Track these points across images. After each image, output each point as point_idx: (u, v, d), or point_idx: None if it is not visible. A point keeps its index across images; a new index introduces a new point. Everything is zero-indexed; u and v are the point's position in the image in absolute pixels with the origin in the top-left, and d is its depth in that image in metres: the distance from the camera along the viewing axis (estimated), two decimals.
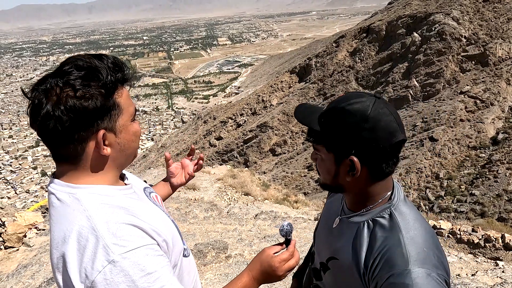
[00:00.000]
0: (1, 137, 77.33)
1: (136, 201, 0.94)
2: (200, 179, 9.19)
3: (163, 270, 0.82)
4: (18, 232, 4.68)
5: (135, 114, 0.93)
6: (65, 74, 0.81)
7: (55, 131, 0.80)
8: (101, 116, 0.83)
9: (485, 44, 27.61)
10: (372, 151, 0.89)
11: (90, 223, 0.80)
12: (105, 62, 0.85)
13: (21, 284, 3.81)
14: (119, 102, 0.86)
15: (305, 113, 1.01)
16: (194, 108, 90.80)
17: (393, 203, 0.95)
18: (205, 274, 3.89)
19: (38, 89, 0.81)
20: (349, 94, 0.95)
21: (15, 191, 55.95)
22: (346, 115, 0.89)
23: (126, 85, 0.90)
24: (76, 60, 0.84)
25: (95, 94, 0.81)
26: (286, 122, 34.50)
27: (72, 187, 0.86)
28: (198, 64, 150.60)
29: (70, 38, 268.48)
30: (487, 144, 21.42)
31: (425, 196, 19.70)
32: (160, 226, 0.90)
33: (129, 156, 0.94)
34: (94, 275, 0.76)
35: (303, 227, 5.58)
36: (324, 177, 1.00)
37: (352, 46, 37.29)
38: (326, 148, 0.95)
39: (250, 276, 1.06)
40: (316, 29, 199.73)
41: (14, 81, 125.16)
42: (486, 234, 4.80)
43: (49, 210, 0.88)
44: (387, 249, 0.88)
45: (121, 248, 0.78)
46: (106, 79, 0.83)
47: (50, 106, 0.79)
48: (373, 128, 0.87)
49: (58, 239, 0.82)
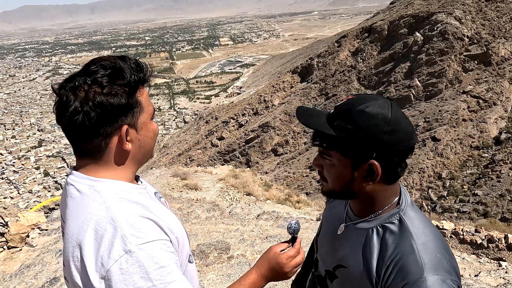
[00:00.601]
0: (4, 137, 77.61)
1: (150, 200, 0.97)
2: (202, 179, 9.20)
3: (174, 266, 0.84)
4: (21, 232, 4.70)
5: (153, 114, 0.98)
6: (92, 73, 0.86)
7: (83, 125, 0.84)
8: (125, 113, 0.88)
9: (487, 43, 27.51)
10: (392, 155, 0.87)
11: (109, 214, 0.83)
12: (128, 63, 0.91)
13: (24, 284, 3.82)
14: (141, 100, 0.91)
15: (309, 116, 0.97)
16: (196, 108, 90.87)
17: (401, 208, 0.94)
18: (207, 274, 3.89)
19: (66, 87, 0.85)
20: (362, 96, 0.92)
21: (18, 191, 56.14)
22: (366, 118, 0.86)
23: (146, 85, 0.96)
24: (101, 61, 0.89)
25: (120, 92, 0.86)
26: (288, 122, 34.48)
27: (92, 180, 0.89)
28: (200, 64, 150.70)
29: (72, 38, 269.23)
30: (489, 144, 21.34)
31: (428, 196, 19.65)
32: (173, 224, 0.93)
33: (146, 153, 0.98)
34: (110, 263, 0.78)
35: (305, 227, 5.58)
36: (334, 184, 0.95)
37: (354, 46, 37.23)
38: (342, 153, 0.90)
39: (259, 273, 1.08)
40: (318, 29, 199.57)
41: (17, 81, 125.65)
42: (489, 234, 4.78)
43: (66, 201, 0.91)
44: (400, 257, 0.86)
45: (138, 239, 0.80)
46: (130, 78, 0.88)
47: (79, 102, 0.83)
48: (394, 131, 0.85)
49: (75, 228, 0.84)
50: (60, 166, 64.42)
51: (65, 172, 61.76)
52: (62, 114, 0.85)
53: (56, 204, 6.34)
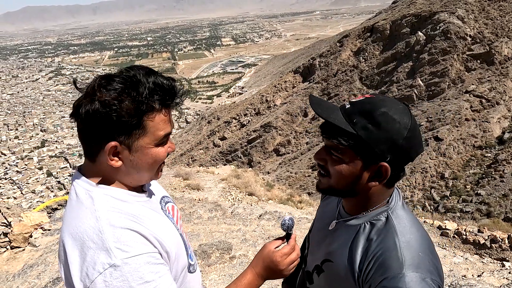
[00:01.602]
0: (7, 137, 77.95)
1: (147, 209, 0.95)
2: (204, 179, 9.21)
3: (161, 280, 0.83)
4: (24, 232, 4.72)
5: (163, 139, 0.90)
6: (110, 79, 0.84)
7: (81, 126, 0.85)
8: (120, 130, 0.84)
9: (490, 42, 27.39)
10: (403, 159, 0.88)
11: (97, 225, 0.82)
12: (148, 81, 0.85)
13: (27, 284, 3.83)
14: (147, 124, 0.86)
15: (326, 109, 0.94)
16: (198, 108, 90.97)
17: (390, 206, 0.95)
18: (209, 274, 3.90)
19: (83, 86, 0.87)
20: (381, 97, 0.92)
21: (21, 191, 56.36)
22: (389, 121, 0.86)
23: (167, 108, 0.89)
24: (129, 71, 0.86)
25: (124, 109, 0.82)
26: (290, 122, 34.46)
27: (90, 185, 0.89)
28: (202, 64, 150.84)
29: (74, 39, 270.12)
30: (492, 144, 21.26)
31: (430, 196, 19.58)
32: (165, 237, 0.91)
33: (143, 175, 0.93)
34: (94, 275, 0.78)
35: (307, 228, 5.57)
36: (337, 180, 0.93)
37: (356, 46, 37.16)
38: (355, 152, 0.89)
39: (254, 272, 1.06)
40: (320, 28, 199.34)
41: (20, 82, 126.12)
42: (492, 234, 4.76)
43: (67, 202, 0.92)
44: (381, 252, 0.87)
45: (123, 253, 0.80)
46: (140, 98, 0.83)
47: (84, 104, 0.83)
48: (411, 137, 0.87)
49: (66, 232, 0.85)
50: (63, 167, 64.64)
51: (68, 172, 61.99)
52: (77, 110, 0.86)
53: (59, 204, 6.37)
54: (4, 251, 4.57)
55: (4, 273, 4.14)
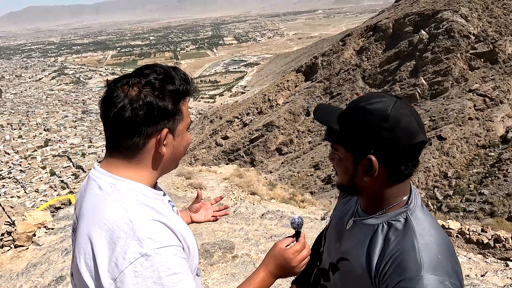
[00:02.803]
0: (11, 137, 78.38)
1: (166, 207, 0.98)
2: (206, 179, 9.22)
3: (186, 273, 0.84)
4: (27, 231, 4.74)
5: (189, 125, 1.01)
6: (146, 75, 0.90)
7: (128, 121, 0.86)
8: (168, 117, 0.91)
9: (494, 41, 27.23)
10: (391, 151, 0.89)
11: (127, 215, 0.83)
12: (178, 73, 0.95)
13: (30, 283, 3.86)
14: (183, 109, 0.95)
15: (324, 113, 1.02)
16: (200, 107, 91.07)
17: (409, 207, 0.94)
18: (212, 274, 3.90)
19: (119, 83, 0.90)
20: (370, 94, 0.95)
21: (24, 190, 56.68)
22: (365, 114, 0.90)
23: (188, 97, 0.99)
24: (154, 67, 0.94)
25: (168, 97, 0.90)
26: (292, 121, 34.43)
27: (114, 178, 0.90)
28: (204, 63, 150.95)
29: (77, 39, 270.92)
30: (496, 143, 21.14)
31: (433, 196, 19.51)
32: (186, 233, 0.94)
33: (175, 160, 1.01)
34: (124, 265, 0.77)
35: (310, 227, 5.56)
36: (342, 177, 1.00)
37: (358, 45, 37.05)
38: (345, 148, 0.95)
39: (266, 271, 1.08)
40: (322, 27, 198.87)
41: (23, 82, 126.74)
42: (495, 234, 4.73)
43: (83, 195, 0.93)
44: (399, 253, 0.87)
45: (154, 243, 0.80)
46: (178, 86, 0.93)
47: (128, 99, 0.87)
48: (393, 127, 0.87)
49: (92, 225, 0.84)
50: (66, 166, 64.96)
51: (71, 171, 62.28)
52: (109, 108, 0.87)
53: (63, 203, 6.39)
54: (8, 250, 4.60)
55: (8, 271, 4.17)
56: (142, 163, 0.92)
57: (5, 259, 4.44)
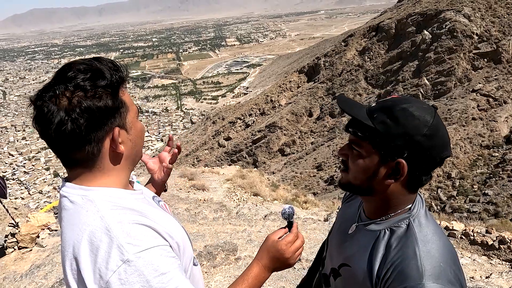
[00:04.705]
0: (15, 139, 78.84)
1: (146, 205, 0.94)
2: (209, 180, 9.22)
3: (175, 271, 0.81)
4: (31, 232, 4.76)
5: (138, 113, 0.95)
6: (71, 79, 0.81)
7: (72, 134, 0.80)
8: (113, 114, 0.85)
9: (497, 41, 27.09)
10: (422, 159, 0.86)
11: (103, 223, 0.80)
12: (105, 64, 0.87)
13: (34, 284, 3.87)
14: (125, 100, 0.89)
15: (351, 105, 0.95)
16: (203, 108, 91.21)
17: (412, 213, 0.93)
18: (215, 276, 3.89)
19: (45, 97, 0.80)
20: (407, 97, 0.93)
21: (28, 191, 56.99)
22: (407, 116, 0.86)
23: (124, 85, 0.92)
24: (76, 65, 0.85)
25: (105, 94, 0.83)
26: (295, 122, 34.40)
27: (85, 189, 0.86)
28: (207, 65, 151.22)
29: (81, 40, 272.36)
30: (500, 143, 21.00)
31: (437, 196, 19.41)
32: (172, 229, 0.91)
33: (137, 153, 0.96)
34: (108, 275, 0.75)
35: (313, 228, 5.54)
36: (355, 175, 0.94)
37: (361, 45, 36.98)
38: (373, 146, 0.89)
39: (260, 265, 1.04)
40: (325, 28, 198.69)
41: (27, 83, 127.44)
42: (500, 235, 4.70)
43: (61, 213, 0.89)
44: (400, 260, 0.85)
45: (135, 247, 0.78)
46: (111, 78, 0.85)
47: (63, 111, 0.79)
48: (432, 136, 0.85)
49: (71, 240, 0.82)
50: None
51: None
52: (47, 127, 0.80)
53: None
54: (12, 252, 4.61)
55: (11, 273, 4.18)
56: (105, 168, 0.88)
57: (9, 260, 4.46)
